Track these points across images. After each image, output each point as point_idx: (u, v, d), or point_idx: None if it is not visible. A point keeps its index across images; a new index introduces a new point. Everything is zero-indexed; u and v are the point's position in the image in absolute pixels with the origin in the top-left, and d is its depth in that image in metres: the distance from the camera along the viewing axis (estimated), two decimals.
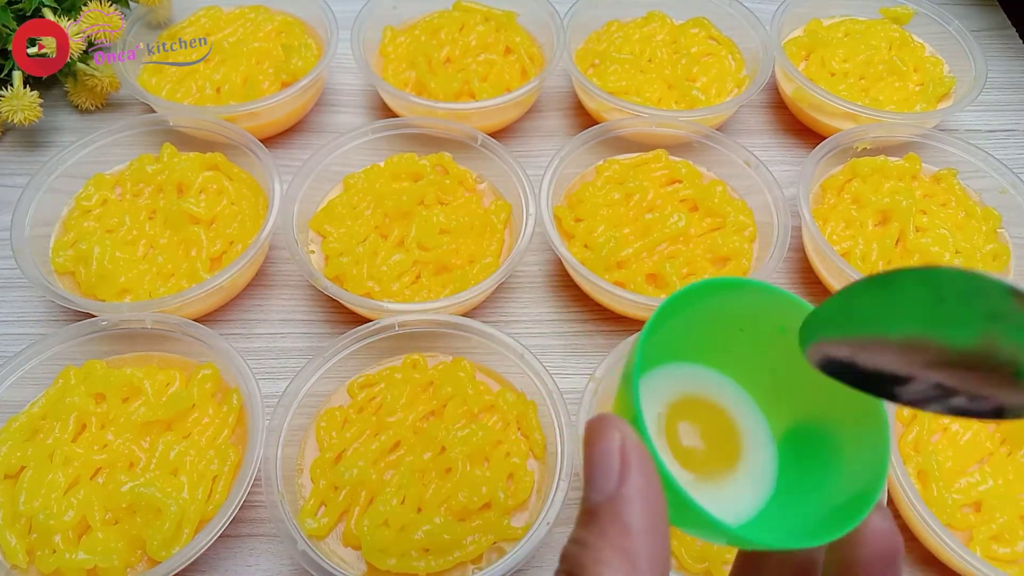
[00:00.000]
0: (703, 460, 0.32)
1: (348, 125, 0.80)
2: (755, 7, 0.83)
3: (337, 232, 0.65)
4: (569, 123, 0.82)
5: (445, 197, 0.69)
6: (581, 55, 0.82)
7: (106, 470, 0.53)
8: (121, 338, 0.59)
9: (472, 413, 0.57)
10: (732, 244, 0.65)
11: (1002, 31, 0.93)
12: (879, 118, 0.73)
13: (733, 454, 0.33)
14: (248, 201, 0.68)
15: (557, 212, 0.67)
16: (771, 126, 0.83)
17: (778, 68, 0.81)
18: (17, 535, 0.50)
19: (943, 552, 0.52)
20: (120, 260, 0.62)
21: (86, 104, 0.79)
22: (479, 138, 0.70)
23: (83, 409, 0.54)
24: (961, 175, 0.71)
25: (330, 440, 0.56)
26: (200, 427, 0.55)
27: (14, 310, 0.66)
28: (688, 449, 0.32)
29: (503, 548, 0.52)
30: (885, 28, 0.83)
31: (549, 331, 0.67)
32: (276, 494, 0.51)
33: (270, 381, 0.63)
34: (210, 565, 0.54)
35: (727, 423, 0.34)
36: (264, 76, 0.76)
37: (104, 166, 0.70)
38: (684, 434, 0.33)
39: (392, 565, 0.50)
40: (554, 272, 0.71)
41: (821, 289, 0.69)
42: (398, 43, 0.80)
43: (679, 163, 0.71)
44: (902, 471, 0.52)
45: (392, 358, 0.61)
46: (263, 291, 0.68)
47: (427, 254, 0.64)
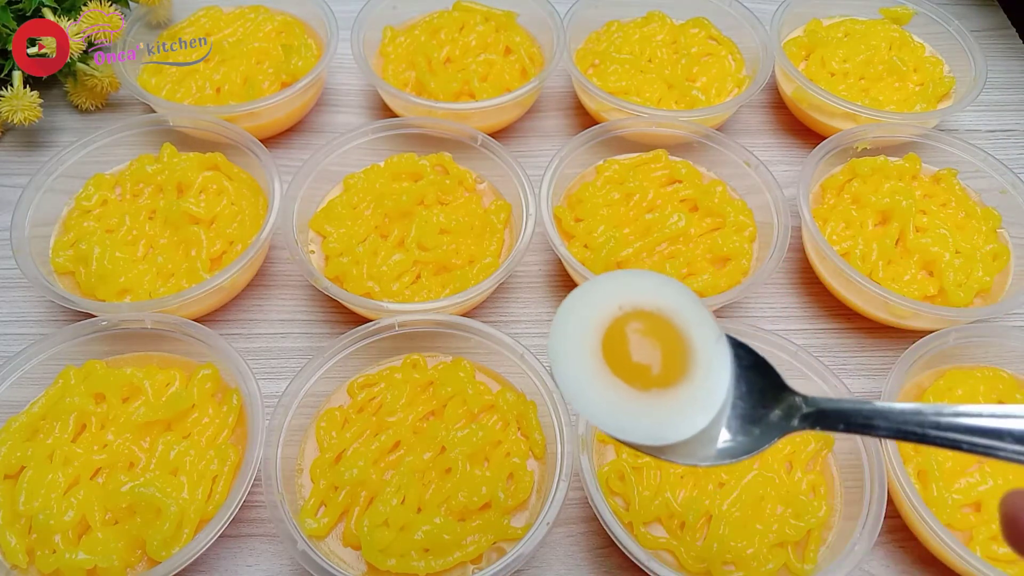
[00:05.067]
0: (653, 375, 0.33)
1: (348, 125, 0.80)
2: (755, 7, 0.83)
3: (337, 232, 0.65)
4: (569, 123, 0.82)
5: (445, 197, 0.69)
6: (581, 55, 0.82)
7: (106, 470, 0.53)
8: (121, 338, 0.59)
9: (472, 413, 0.57)
10: (732, 244, 0.65)
11: (1002, 31, 0.93)
12: (879, 118, 0.73)
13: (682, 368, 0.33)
14: (248, 201, 0.68)
15: (557, 212, 0.67)
16: (771, 126, 0.83)
17: (778, 68, 0.81)
18: (17, 535, 0.50)
19: (943, 552, 0.52)
20: (120, 260, 0.62)
21: (86, 104, 0.79)
22: (479, 138, 0.70)
23: (83, 409, 0.54)
24: (961, 175, 0.71)
25: (330, 440, 0.56)
26: (200, 427, 0.55)
27: (14, 310, 0.66)
28: (637, 364, 0.33)
29: (503, 548, 0.52)
30: (885, 28, 0.83)
31: (549, 331, 0.67)
32: (276, 494, 0.51)
33: (270, 381, 0.63)
34: (210, 565, 0.54)
35: (676, 334, 0.34)
36: (264, 76, 0.76)
37: (104, 166, 0.70)
38: (636, 348, 0.33)
39: (392, 565, 0.50)
40: (554, 272, 0.71)
41: (821, 289, 0.69)
42: (398, 43, 0.80)
43: (679, 163, 0.71)
44: (902, 471, 0.52)
45: (392, 358, 0.61)
46: (263, 291, 0.68)
47: (427, 254, 0.64)
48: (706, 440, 0.34)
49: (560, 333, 0.35)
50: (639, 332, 0.33)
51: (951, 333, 0.59)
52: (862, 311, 0.66)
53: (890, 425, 0.33)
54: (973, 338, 0.60)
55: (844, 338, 0.68)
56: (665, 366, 0.33)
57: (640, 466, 0.55)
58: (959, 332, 0.60)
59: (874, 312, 0.66)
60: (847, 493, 0.55)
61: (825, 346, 0.67)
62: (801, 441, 0.56)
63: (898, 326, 0.66)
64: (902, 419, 0.33)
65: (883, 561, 0.56)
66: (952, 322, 0.62)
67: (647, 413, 0.32)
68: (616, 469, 0.55)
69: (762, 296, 0.70)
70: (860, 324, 0.68)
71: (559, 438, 0.54)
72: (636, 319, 0.34)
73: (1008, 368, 0.61)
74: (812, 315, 0.69)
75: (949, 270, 0.64)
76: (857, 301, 0.66)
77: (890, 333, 0.67)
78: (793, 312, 0.69)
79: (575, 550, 0.56)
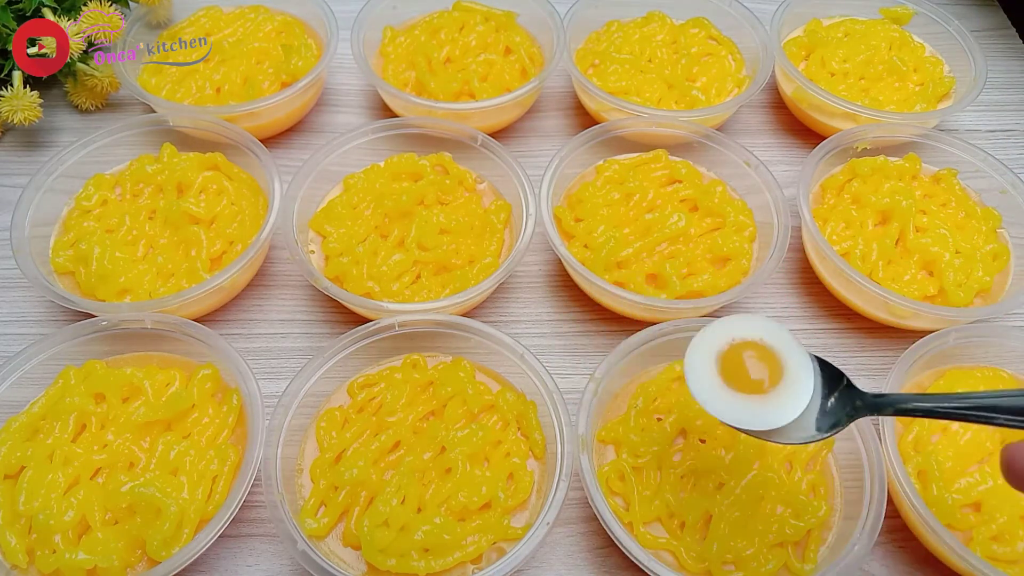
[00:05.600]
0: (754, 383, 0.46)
1: (348, 125, 0.80)
2: (755, 7, 0.83)
3: (337, 232, 0.65)
4: (569, 123, 0.82)
5: (445, 197, 0.69)
6: (581, 55, 0.82)
7: (106, 470, 0.53)
8: (121, 338, 0.59)
9: (472, 413, 0.57)
10: (732, 244, 0.65)
11: (1002, 31, 0.93)
12: (879, 118, 0.73)
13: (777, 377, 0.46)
14: (248, 201, 0.68)
15: (557, 212, 0.67)
16: (771, 126, 0.83)
17: (778, 68, 0.81)
18: (17, 535, 0.50)
19: (943, 552, 0.52)
20: (120, 260, 0.62)
21: (86, 104, 0.79)
22: (479, 138, 0.70)
23: (83, 409, 0.54)
24: (961, 175, 0.71)
25: (330, 440, 0.56)
26: (200, 427, 0.55)
27: (14, 310, 0.66)
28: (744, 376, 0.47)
29: (503, 548, 0.52)
30: (885, 28, 0.83)
31: (549, 331, 0.67)
32: (276, 494, 0.51)
33: (270, 381, 0.63)
34: (210, 565, 0.54)
35: (773, 356, 0.47)
36: (264, 76, 0.76)
37: (104, 166, 0.70)
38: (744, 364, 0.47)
39: (392, 565, 0.50)
40: (554, 272, 0.71)
41: (821, 289, 0.69)
42: (398, 43, 0.80)
43: (679, 163, 0.71)
44: (902, 471, 0.52)
45: (392, 358, 0.61)
46: (263, 291, 0.68)
47: (427, 254, 0.64)
48: (799, 427, 0.45)
49: (692, 357, 0.48)
50: (748, 355, 0.47)
51: (951, 333, 0.59)
52: (862, 311, 0.66)
53: (929, 406, 0.43)
54: (973, 338, 0.60)
55: (844, 338, 0.68)
56: (766, 377, 0.46)
57: (640, 466, 0.55)
58: (959, 332, 0.60)
59: (874, 312, 0.66)
60: (847, 493, 0.55)
61: (825, 346, 0.67)
62: None
63: (898, 326, 0.66)
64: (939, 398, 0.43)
65: (883, 561, 0.56)
66: (952, 322, 0.62)
67: (755, 410, 0.45)
68: (616, 469, 0.55)
69: (762, 296, 0.70)
70: (860, 324, 0.68)
71: (559, 438, 0.54)
72: (745, 347, 0.47)
73: (1008, 368, 0.61)
74: (812, 315, 0.69)
75: (949, 270, 0.64)
76: (857, 301, 0.66)
77: (890, 333, 0.67)
78: (793, 312, 0.69)
79: (575, 550, 0.56)
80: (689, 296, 0.63)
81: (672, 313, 0.61)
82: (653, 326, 0.58)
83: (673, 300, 0.62)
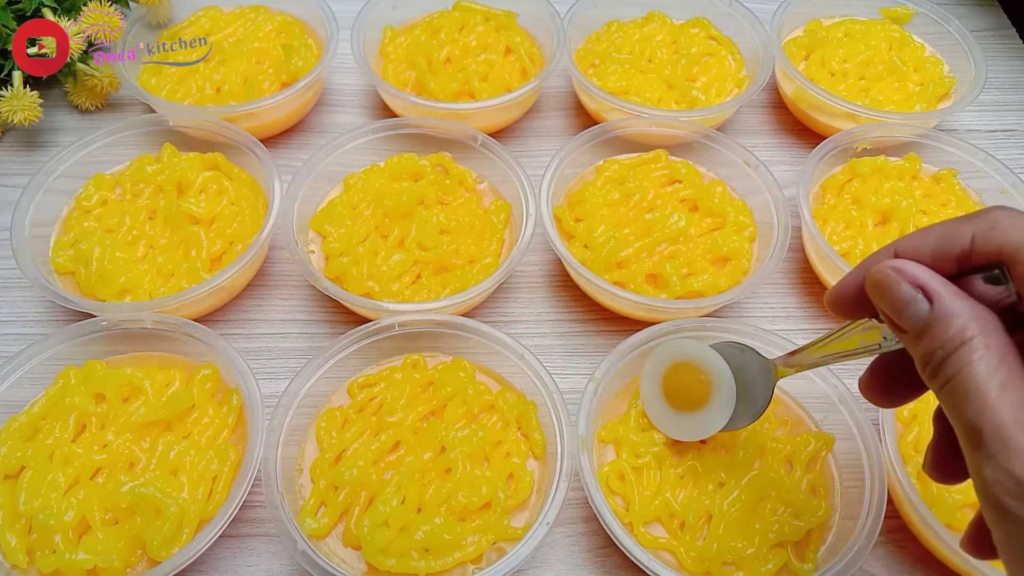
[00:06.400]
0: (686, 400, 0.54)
1: (348, 125, 0.80)
2: (755, 7, 0.82)
3: (337, 232, 0.65)
4: (569, 123, 0.82)
5: (445, 197, 0.69)
6: (581, 55, 0.82)
7: (106, 470, 0.53)
8: (121, 338, 0.59)
9: (472, 413, 0.57)
10: (732, 244, 0.65)
11: (1002, 31, 0.93)
12: (879, 118, 0.73)
13: (705, 394, 0.53)
14: (248, 201, 0.68)
15: (557, 212, 0.67)
16: (771, 126, 0.83)
17: (778, 68, 0.81)
18: (17, 535, 0.50)
19: (943, 552, 0.52)
20: (120, 260, 0.62)
21: (86, 104, 0.79)
22: (479, 138, 0.70)
23: (83, 409, 0.54)
24: (961, 175, 0.71)
25: (330, 440, 0.56)
26: (200, 427, 0.55)
27: (14, 310, 0.66)
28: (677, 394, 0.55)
29: (503, 548, 0.52)
30: (885, 28, 0.83)
31: (549, 331, 0.67)
32: (276, 494, 0.51)
33: (270, 381, 0.63)
34: (210, 565, 0.54)
35: (701, 374, 0.53)
36: (264, 76, 0.76)
37: (104, 166, 0.70)
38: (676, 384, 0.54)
39: (392, 565, 0.50)
40: (554, 272, 0.71)
41: (821, 289, 0.69)
42: (398, 43, 0.80)
43: (679, 163, 0.71)
44: (902, 471, 0.52)
45: (392, 358, 0.61)
46: (263, 291, 0.68)
47: (427, 254, 0.64)
48: (743, 416, 0.52)
49: (645, 380, 0.56)
50: (679, 376, 0.54)
51: None
52: None
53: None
54: None
55: None
56: (697, 390, 0.53)
57: (640, 466, 0.55)
58: None
59: None
60: (847, 493, 0.55)
61: None
62: (801, 441, 0.56)
63: None
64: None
65: (883, 561, 0.56)
66: None
67: (688, 424, 0.54)
68: (616, 469, 0.55)
69: (762, 296, 0.70)
70: None
71: (559, 438, 0.54)
72: (680, 368, 0.54)
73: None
74: (812, 315, 0.69)
75: None
76: None
77: None
78: (793, 312, 0.69)
79: (575, 550, 0.56)
80: (689, 296, 0.63)
81: (672, 313, 0.61)
82: (653, 326, 0.58)
83: (673, 300, 0.62)
